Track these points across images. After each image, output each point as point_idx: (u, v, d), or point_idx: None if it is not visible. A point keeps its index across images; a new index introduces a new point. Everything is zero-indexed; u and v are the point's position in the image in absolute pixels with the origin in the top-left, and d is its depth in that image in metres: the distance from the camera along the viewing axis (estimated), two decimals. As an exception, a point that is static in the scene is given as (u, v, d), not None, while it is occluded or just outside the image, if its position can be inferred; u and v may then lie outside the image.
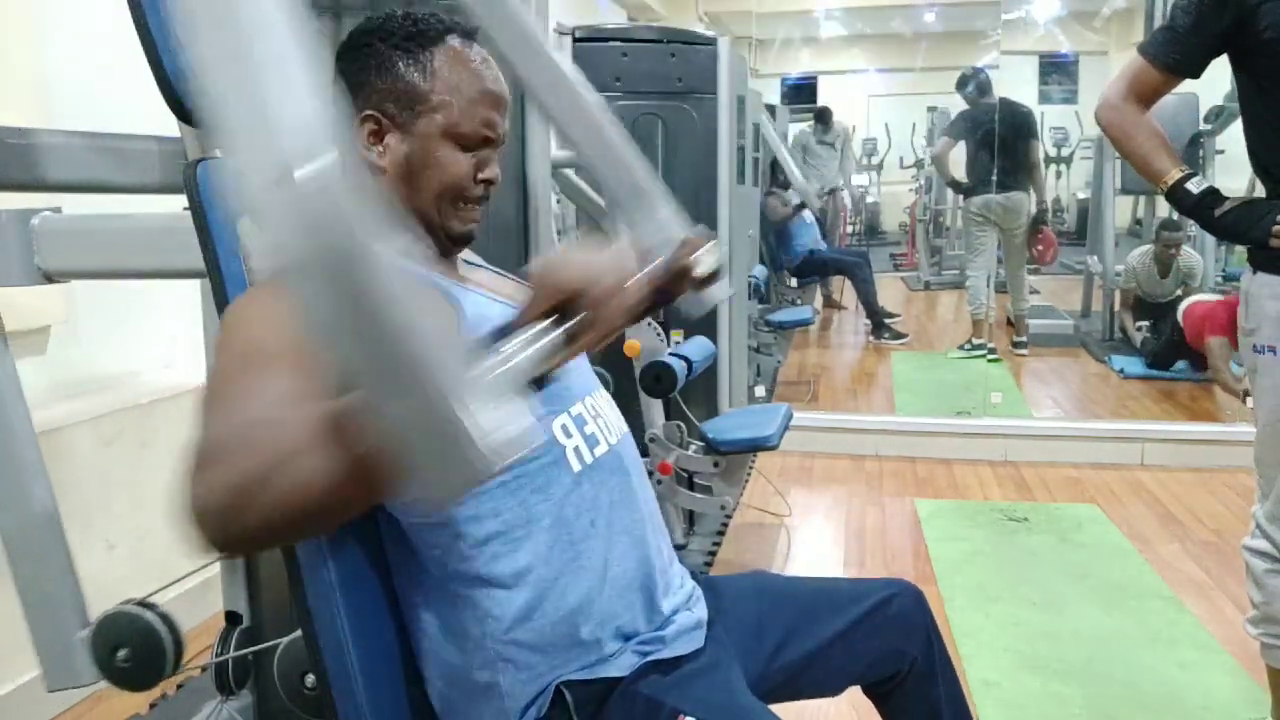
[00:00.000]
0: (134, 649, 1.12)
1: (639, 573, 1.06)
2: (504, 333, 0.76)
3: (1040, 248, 5.57)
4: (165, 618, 1.13)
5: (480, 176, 1.05)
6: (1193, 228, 5.14)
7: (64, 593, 1.17)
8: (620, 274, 0.81)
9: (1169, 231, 5.05)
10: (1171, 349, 4.89)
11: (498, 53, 1.09)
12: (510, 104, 1.08)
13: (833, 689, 1.28)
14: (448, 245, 1.08)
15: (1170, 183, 1.64)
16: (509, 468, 0.60)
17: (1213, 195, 1.63)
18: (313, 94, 0.60)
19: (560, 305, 0.78)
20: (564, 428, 1.04)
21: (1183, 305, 4.77)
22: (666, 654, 1.05)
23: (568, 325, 0.77)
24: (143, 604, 1.14)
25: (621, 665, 1.03)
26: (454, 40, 1.04)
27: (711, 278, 1.37)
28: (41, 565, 1.17)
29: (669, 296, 1.43)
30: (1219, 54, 1.60)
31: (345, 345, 0.59)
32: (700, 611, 1.13)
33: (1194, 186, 1.62)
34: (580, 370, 1.13)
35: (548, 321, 0.76)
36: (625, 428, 1.15)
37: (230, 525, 0.70)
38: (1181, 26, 1.60)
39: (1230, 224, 1.62)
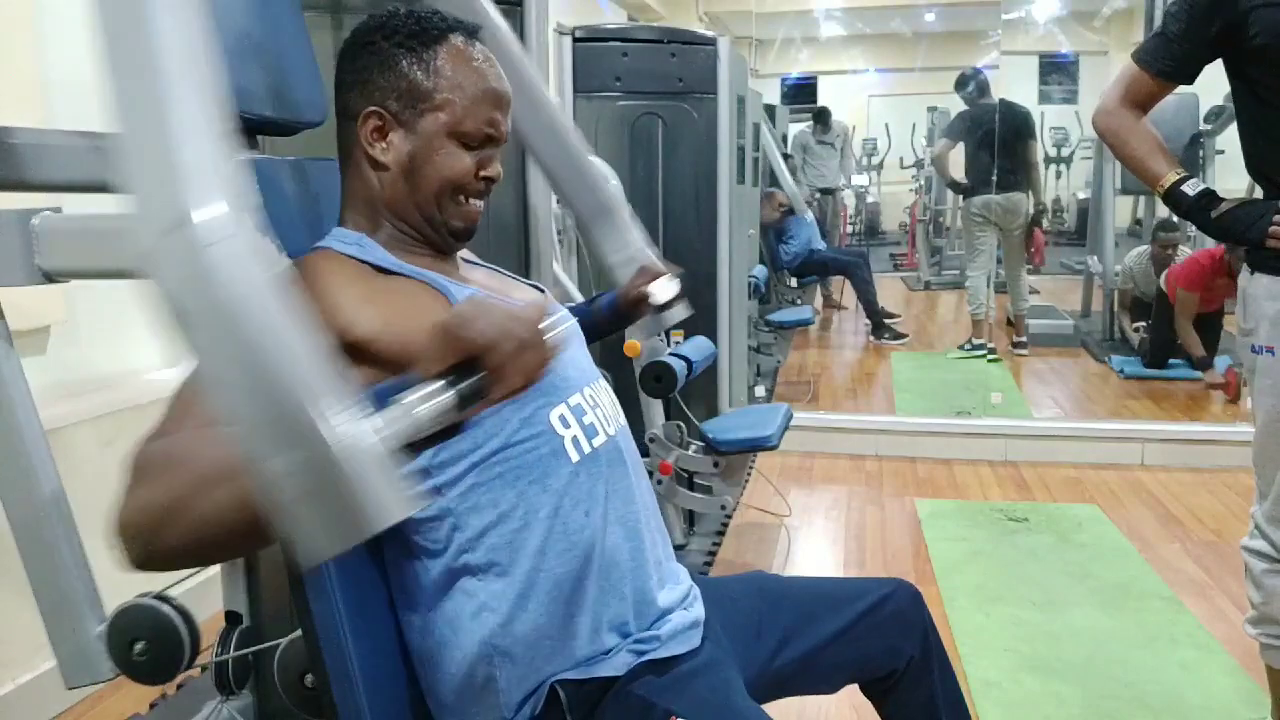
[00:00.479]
0: (150, 642, 1.12)
1: (633, 564, 1.06)
2: (402, 386, 0.73)
3: (1032, 249, 5.59)
4: (181, 610, 1.13)
5: (482, 174, 1.05)
6: (1191, 228, 5.14)
7: (78, 589, 1.18)
8: (527, 332, 0.76)
9: (1165, 233, 5.06)
10: (1163, 345, 4.91)
11: None
12: (512, 102, 1.08)
13: (830, 687, 1.28)
14: (449, 241, 1.08)
15: (1167, 185, 1.65)
16: (386, 531, 0.60)
17: (1209, 197, 1.63)
18: (217, 143, 0.61)
19: (462, 362, 0.73)
20: (562, 418, 1.04)
21: (1164, 273, 4.85)
22: (662, 653, 1.05)
23: (461, 386, 0.72)
24: (159, 597, 1.14)
25: (617, 665, 1.03)
26: (457, 39, 1.04)
27: (669, 304, 1.44)
28: (54, 562, 1.17)
29: (627, 320, 1.47)
30: (1211, 60, 1.61)
31: (231, 397, 0.59)
32: (697, 611, 1.13)
33: (1190, 188, 1.63)
34: (579, 361, 1.13)
35: (441, 382, 0.71)
36: (623, 420, 1.15)
37: (151, 544, 0.73)
38: (1173, 33, 1.60)
39: (1227, 225, 1.62)
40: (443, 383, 0.71)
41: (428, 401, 0.69)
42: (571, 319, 1.23)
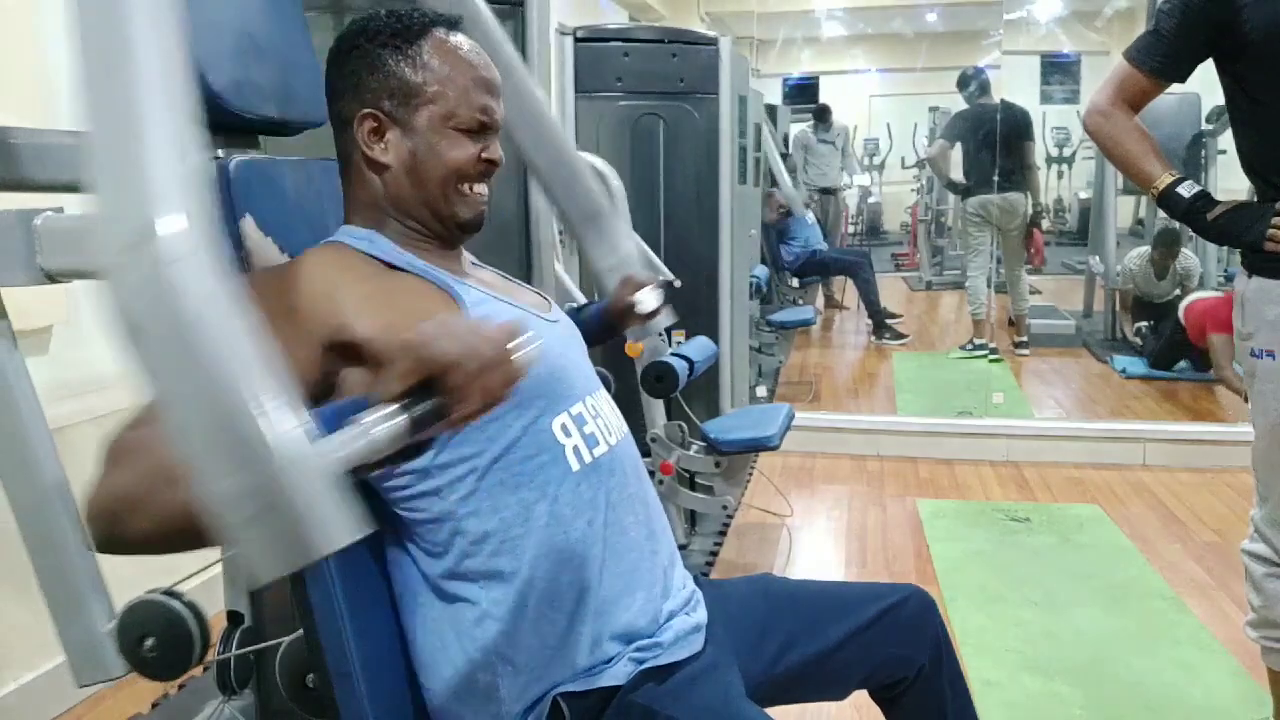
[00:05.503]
0: (160, 638, 1.12)
1: (637, 574, 1.06)
2: (363, 404, 0.70)
3: (1031, 250, 5.58)
4: (191, 605, 1.13)
5: (484, 156, 1.06)
6: (1189, 231, 5.11)
7: (86, 587, 1.18)
8: (493, 350, 0.72)
9: (1166, 246, 5.02)
10: (1173, 349, 4.88)
11: None
12: (502, 89, 1.09)
13: (838, 693, 1.27)
14: (456, 234, 1.09)
15: (1161, 187, 1.64)
16: (329, 558, 0.59)
17: (1204, 199, 1.62)
18: (186, 157, 0.60)
19: (425, 380, 0.70)
20: (563, 427, 1.04)
21: (1184, 303, 4.76)
22: (664, 659, 1.05)
23: (414, 411, 0.68)
24: (168, 592, 1.14)
25: (619, 674, 1.02)
26: (439, 31, 1.06)
27: (654, 313, 1.45)
28: (61, 560, 1.18)
29: (614, 330, 1.49)
30: (1205, 57, 1.60)
31: (181, 416, 0.58)
32: (699, 615, 1.13)
33: (1185, 191, 1.61)
34: (581, 370, 1.13)
35: (396, 405, 0.68)
36: (625, 429, 1.15)
37: (112, 530, 0.75)
38: (1166, 30, 1.59)
39: (1223, 228, 1.61)
40: (397, 405, 0.68)
41: (382, 424, 0.66)
42: (573, 324, 1.23)
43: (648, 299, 1.43)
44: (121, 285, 0.59)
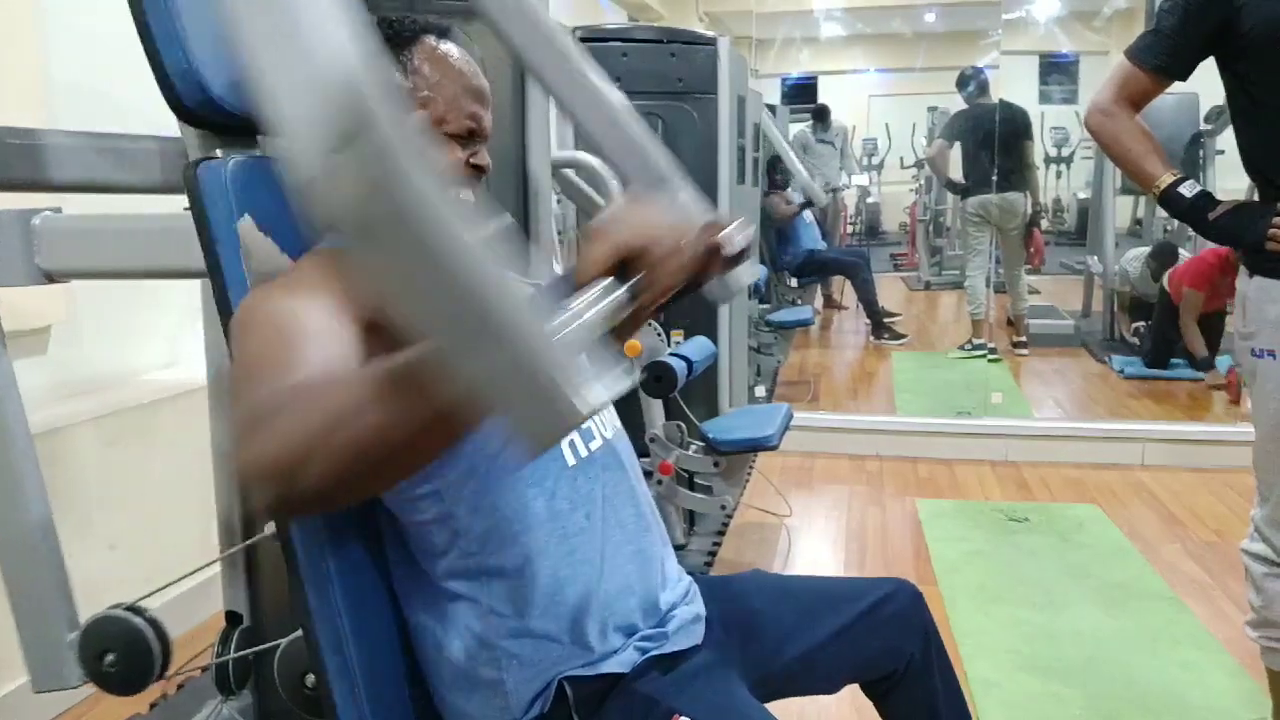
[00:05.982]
0: (121, 654, 1.12)
1: (634, 566, 1.07)
2: (564, 289, 0.75)
3: (1031, 250, 5.58)
4: (154, 623, 1.13)
5: (472, 162, 1.06)
6: (1189, 231, 5.11)
7: (53, 595, 1.17)
8: (679, 233, 0.81)
9: (1161, 260, 5.03)
10: (1164, 343, 4.91)
11: (510, 46, 1.10)
12: (492, 98, 1.09)
13: (830, 687, 1.28)
14: None
15: (1163, 186, 1.64)
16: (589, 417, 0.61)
17: (1206, 199, 1.62)
18: (360, 52, 0.58)
19: (620, 263, 0.77)
20: None
21: (1166, 274, 4.81)
22: (668, 648, 1.06)
23: (631, 283, 0.76)
24: (131, 608, 1.14)
25: (623, 662, 1.03)
26: (429, 39, 1.05)
27: (739, 257, 1.38)
28: (32, 567, 1.17)
29: (698, 280, 1.41)
30: (1206, 55, 1.60)
31: (421, 304, 0.58)
32: (698, 606, 1.14)
33: (1186, 190, 1.62)
34: None
35: (609, 280, 0.75)
36: (619, 423, 1.16)
37: (294, 482, 0.70)
38: (1167, 28, 1.60)
39: (1225, 227, 1.61)
40: (610, 280, 0.74)
41: (605, 298, 0.72)
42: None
43: (734, 237, 1.34)
44: (340, 185, 0.57)
